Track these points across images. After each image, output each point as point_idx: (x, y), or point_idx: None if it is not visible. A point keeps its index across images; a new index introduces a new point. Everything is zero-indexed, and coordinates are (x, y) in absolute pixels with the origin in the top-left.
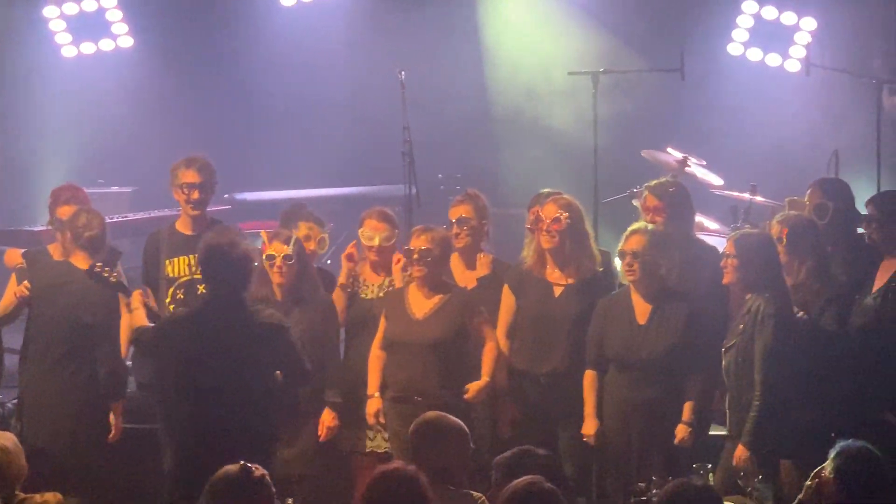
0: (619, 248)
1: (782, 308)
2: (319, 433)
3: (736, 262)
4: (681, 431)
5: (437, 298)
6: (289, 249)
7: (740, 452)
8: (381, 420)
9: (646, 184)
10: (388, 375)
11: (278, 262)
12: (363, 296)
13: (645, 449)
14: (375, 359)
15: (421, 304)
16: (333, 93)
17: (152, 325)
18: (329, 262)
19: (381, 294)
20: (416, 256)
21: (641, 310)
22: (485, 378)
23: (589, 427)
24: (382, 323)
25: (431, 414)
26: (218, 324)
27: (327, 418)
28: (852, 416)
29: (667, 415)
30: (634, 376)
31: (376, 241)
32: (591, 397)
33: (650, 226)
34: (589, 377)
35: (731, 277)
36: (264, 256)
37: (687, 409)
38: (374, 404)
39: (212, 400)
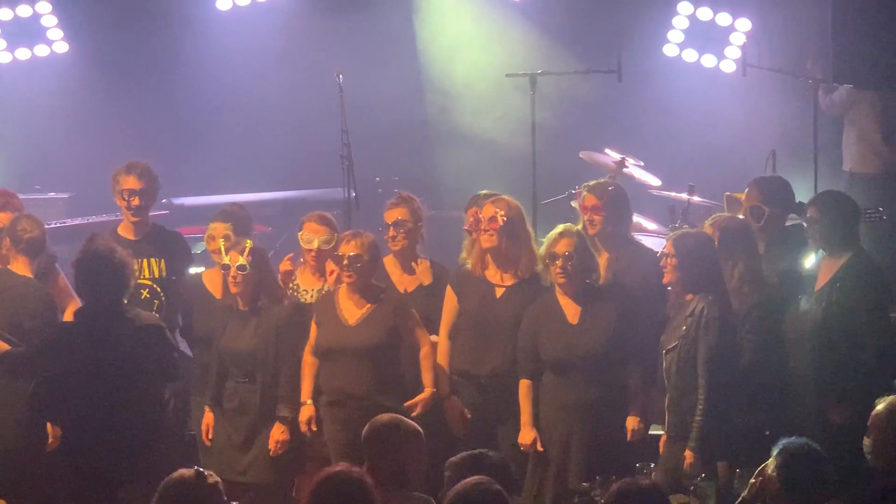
0: (547, 250)
1: (725, 310)
2: (269, 447)
3: (675, 261)
4: (632, 422)
5: (368, 304)
6: (243, 259)
7: (688, 456)
8: (314, 427)
9: (584, 184)
10: (322, 382)
11: (232, 272)
12: (303, 301)
13: (587, 449)
14: (307, 365)
15: (353, 311)
16: (271, 96)
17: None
18: None
19: (318, 299)
20: (346, 262)
21: (572, 311)
22: (428, 389)
23: (526, 436)
24: (313, 330)
25: (386, 416)
26: (98, 330)
27: (277, 432)
28: (795, 416)
29: (606, 413)
30: (573, 377)
31: (315, 245)
32: (527, 406)
33: (576, 227)
34: (524, 386)
35: (670, 277)
36: (220, 266)
37: (632, 401)
38: (306, 411)
39: (95, 404)
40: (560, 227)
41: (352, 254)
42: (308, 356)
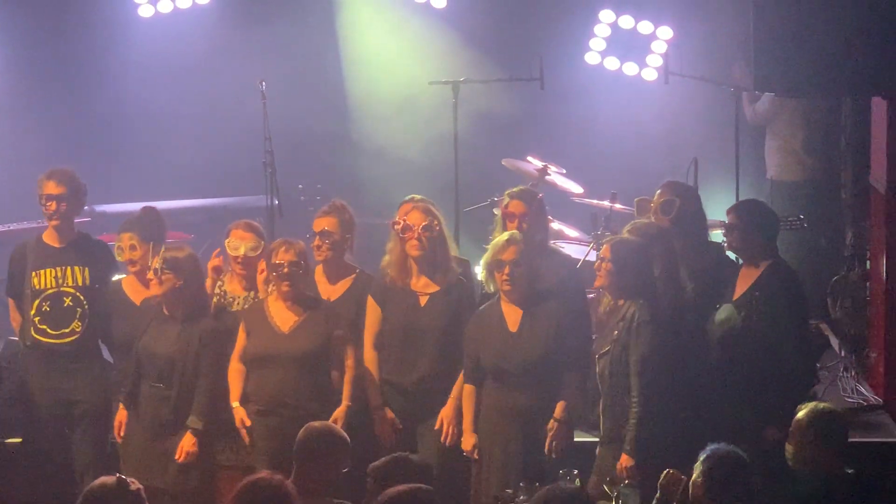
0: (493, 257)
1: (656, 314)
2: (177, 456)
3: (610, 266)
4: (551, 426)
5: (301, 311)
6: (156, 264)
7: (624, 461)
8: (248, 423)
9: (508, 191)
10: (252, 390)
11: (149, 275)
12: (231, 310)
13: (521, 455)
14: (235, 371)
15: (286, 318)
16: (194, 104)
17: None
18: None
19: (247, 306)
20: (285, 271)
21: (513, 318)
22: (345, 403)
23: (467, 442)
24: (242, 336)
25: (319, 424)
26: None
27: (187, 443)
28: (727, 427)
29: (540, 421)
30: (510, 384)
31: (241, 251)
32: (469, 412)
33: (520, 234)
34: (466, 391)
35: (603, 281)
36: (150, 268)
37: (559, 407)
38: (238, 412)
39: None
40: (506, 234)
41: (291, 261)
42: (236, 363)
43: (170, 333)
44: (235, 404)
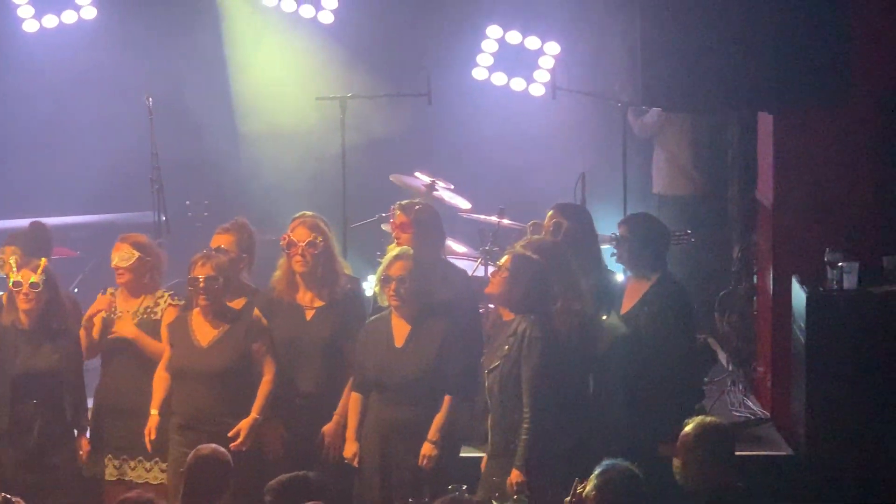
0: (383, 273)
1: (548, 330)
2: (82, 453)
3: (507, 275)
4: (426, 449)
5: (222, 326)
6: (36, 277)
7: (514, 476)
8: (153, 436)
9: (398, 202)
10: (174, 404)
11: (24, 289)
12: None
13: (401, 469)
14: (159, 380)
15: (206, 332)
16: (81, 119)
17: None
18: (76, 290)
19: (135, 321)
20: (200, 285)
21: (400, 333)
22: (252, 415)
23: (348, 450)
24: (167, 348)
25: (206, 450)
26: None
27: (85, 444)
28: (619, 442)
29: (421, 436)
30: (391, 397)
31: (114, 262)
32: (353, 420)
33: (411, 250)
34: (353, 400)
35: (496, 289)
36: (11, 283)
37: (434, 427)
38: (152, 420)
39: None
40: (396, 250)
41: (208, 275)
42: (161, 371)
43: (43, 348)
44: (154, 412)
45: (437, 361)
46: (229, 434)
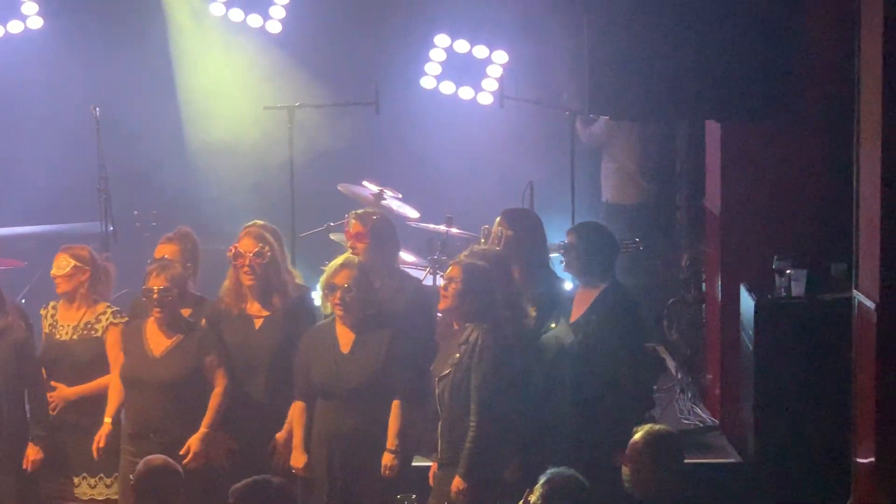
0: (327, 280)
1: (499, 339)
2: (24, 466)
3: (459, 287)
4: (386, 459)
5: (175, 336)
6: None
7: (457, 483)
8: (102, 444)
9: (353, 211)
10: (126, 412)
11: None
12: (57, 336)
13: (349, 478)
14: (114, 388)
15: (159, 342)
16: (27, 129)
17: None
18: (24, 300)
19: (75, 336)
20: (154, 296)
21: (345, 339)
22: (202, 429)
23: (297, 459)
24: (121, 357)
25: (155, 460)
26: None
27: (32, 452)
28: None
29: (370, 443)
30: (339, 405)
31: (53, 271)
32: (298, 429)
33: (356, 258)
34: (297, 408)
35: (449, 303)
36: None
37: (391, 436)
38: (104, 428)
39: None
40: (340, 258)
41: (161, 287)
42: (115, 379)
43: None
44: (107, 419)
45: (384, 367)
46: (180, 452)
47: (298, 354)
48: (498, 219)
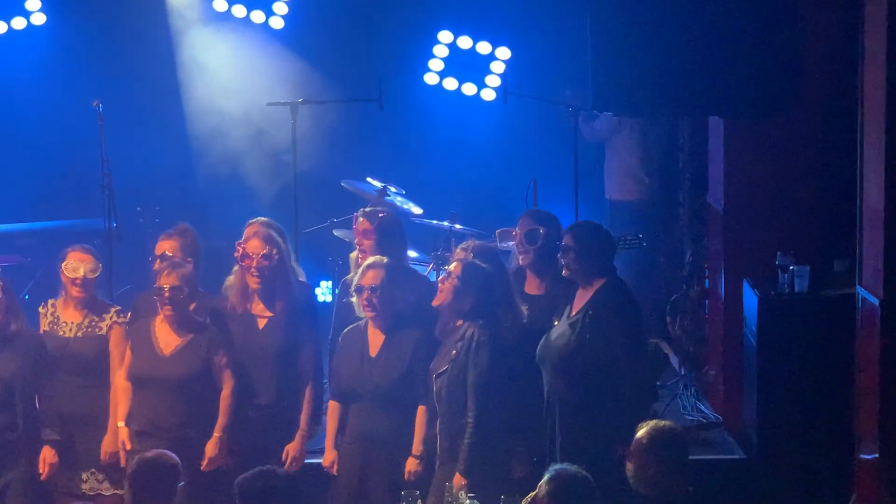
0: (356, 282)
1: (495, 336)
2: (40, 471)
3: (457, 283)
4: (411, 465)
5: (185, 335)
6: None
7: (457, 480)
8: (129, 447)
9: (362, 209)
10: (132, 410)
11: None
12: (60, 333)
13: (374, 478)
14: (122, 390)
15: (169, 340)
16: (30, 125)
17: None
18: (27, 297)
19: (79, 333)
20: (165, 295)
21: (375, 341)
22: (216, 434)
23: (326, 458)
24: (128, 354)
25: (150, 455)
26: None
27: (48, 455)
28: (566, 446)
29: (395, 446)
30: (366, 406)
31: (81, 272)
32: (331, 428)
33: (384, 259)
34: (331, 407)
35: (445, 298)
36: None
37: (416, 441)
38: (122, 433)
39: None
40: (370, 259)
41: (173, 285)
42: (122, 381)
43: (3, 355)
44: (121, 424)
45: (407, 371)
46: (202, 468)
47: (333, 356)
48: (521, 220)
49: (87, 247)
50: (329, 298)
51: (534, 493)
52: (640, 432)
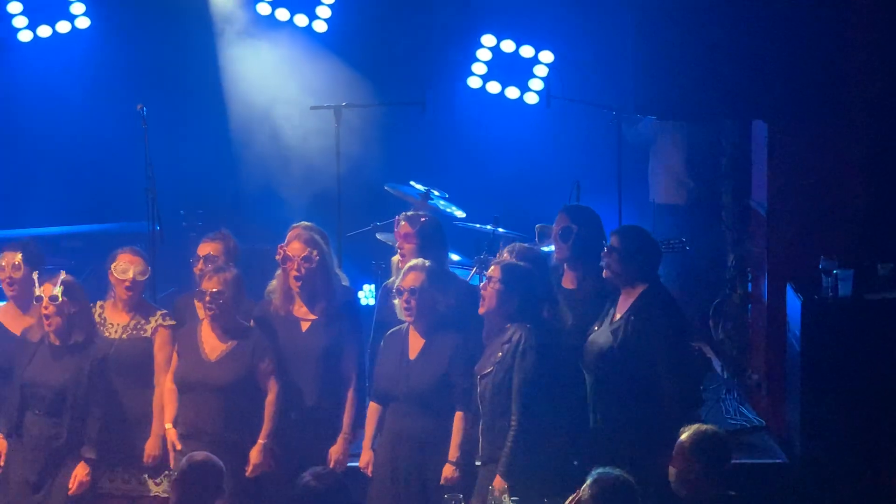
0: (397, 285)
1: (543, 339)
2: (69, 485)
3: (500, 287)
4: (447, 471)
5: (230, 340)
6: (55, 290)
7: (498, 482)
8: (178, 447)
9: (403, 213)
10: (178, 413)
11: (45, 302)
12: (106, 334)
13: (410, 480)
14: (169, 392)
15: (214, 345)
16: (74, 128)
17: None
18: None
19: (125, 335)
20: (207, 299)
21: (415, 345)
22: (261, 440)
23: (362, 459)
24: (175, 358)
25: (199, 456)
26: None
27: (81, 472)
28: (605, 450)
29: (431, 448)
30: (403, 409)
31: (130, 275)
32: (370, 430)
33: (426, 262)
34: (370, 409)
35: (490, 303)
36: (34, 297)
37: (453, 447)
38: (170, 434)
39: None
40: (411, 262)
41: (215, 290)
42: (169, 383)
43: (59, 364)
44: (168, 426)
45: (444, 376)
46: (247, 474)
47: (376, 358)
48: (558, 216)
49: (137, 249)
50: (372, 302)
51: (576, 496)
52: (683, 436)
